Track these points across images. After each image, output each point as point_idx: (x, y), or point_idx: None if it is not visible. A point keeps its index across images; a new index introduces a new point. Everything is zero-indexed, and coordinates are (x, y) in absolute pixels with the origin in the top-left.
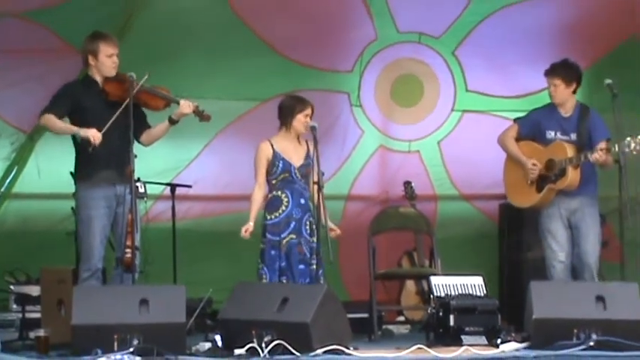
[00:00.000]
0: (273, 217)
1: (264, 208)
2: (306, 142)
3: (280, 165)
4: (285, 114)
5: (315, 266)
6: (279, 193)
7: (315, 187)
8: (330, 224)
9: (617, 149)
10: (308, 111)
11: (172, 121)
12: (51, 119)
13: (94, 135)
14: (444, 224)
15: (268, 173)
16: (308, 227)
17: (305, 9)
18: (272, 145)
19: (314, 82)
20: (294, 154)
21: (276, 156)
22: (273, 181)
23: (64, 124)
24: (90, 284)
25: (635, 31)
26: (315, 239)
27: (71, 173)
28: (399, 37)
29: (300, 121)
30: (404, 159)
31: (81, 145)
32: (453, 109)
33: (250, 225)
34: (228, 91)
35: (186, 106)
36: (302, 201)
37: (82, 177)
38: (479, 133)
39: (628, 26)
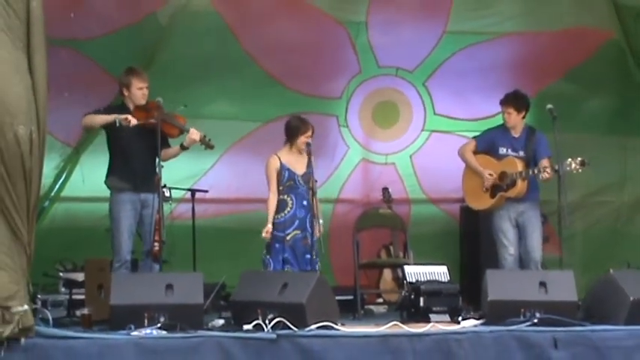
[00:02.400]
0: (280, 216)
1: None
2: (308, 153)
3: (286, 174)
4: (291, 133)
5: (314, 257)
6: (286, 197)
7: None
8: (319, 225)
9: (556, 167)
10: (309, 133)
11: (183, 147)
12: (94, 116)
13: (129, 118)
14: (416, 223)
15: (277, 181)
16: (310, 224)
17: (303, 48)
18: (279, 158)
19: (309, 107)
20: (297, 164)
21: (282, 167)
22: (281, 188)
23: (104, 115)
24: (121, 273)
25: (570, 68)
26: (314, 234)
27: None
28: (379, 71)
29: (302, 141)
30: (382, 169)
31: (114, 159)
32: (423, 129)
33: (269, 227)
34: (238, 113)
35: (194, 134)
36: (304, 202)
37: (112, 185)
38: (444, 149)
39: (566, 62)
